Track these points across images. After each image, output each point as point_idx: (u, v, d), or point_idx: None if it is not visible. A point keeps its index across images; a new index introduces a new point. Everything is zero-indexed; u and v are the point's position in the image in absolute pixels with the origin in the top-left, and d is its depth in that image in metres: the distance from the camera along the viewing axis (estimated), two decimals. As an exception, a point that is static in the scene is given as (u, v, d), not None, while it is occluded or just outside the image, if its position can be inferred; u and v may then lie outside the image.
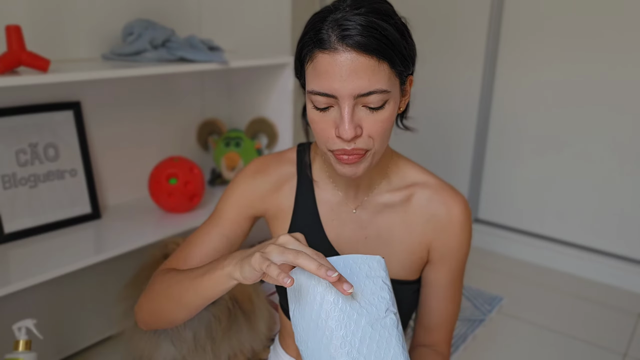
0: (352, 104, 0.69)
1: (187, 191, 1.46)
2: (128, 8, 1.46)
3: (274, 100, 1.69)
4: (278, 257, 0.62)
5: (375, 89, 0.68)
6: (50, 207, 1.36)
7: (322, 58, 0.68)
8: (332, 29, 0.68)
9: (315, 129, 0.74)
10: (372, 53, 0.67)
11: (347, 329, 0.62)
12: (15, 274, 1.13)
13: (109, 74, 1.20)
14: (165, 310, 0.80)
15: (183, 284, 0.75)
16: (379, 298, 0.63)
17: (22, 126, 1.30)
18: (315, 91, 0.70)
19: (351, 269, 0.64)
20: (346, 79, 0.67)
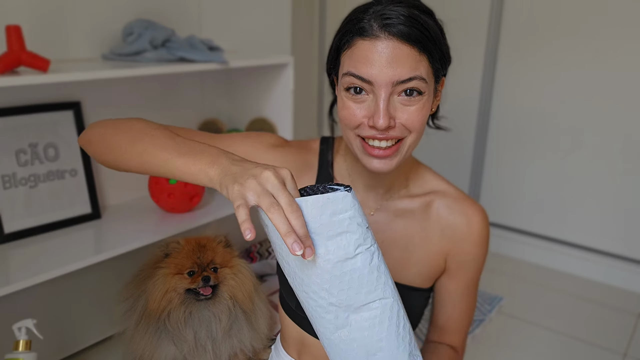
0: (388, 92, 0.68)
1: (187, 191, 1.46)
2: (128, 8, 1.46)
3: (274, 100, 1.69)
4: (253, 197, 0.57)
5: (415, 75, 0.67)
6: (50, 207, 1.35)
7: (362, 44, 0.68)
8: (374, 19, 0.67)
9: (345, 116, 0.72)
10: (414, 43, 0.67)
11: (321, 277, 0.61)
12: (15, 274, 1.13)
13: (109, 74, 1.20)
14: (122, 150, 0.71)
15: (154, 140, 0.68)
16: (346, 238, 0.60)
17: (22, 126, 1.30)
18: (352, 73, 0.69)
19: (319, 209, 0.59)
20: (386, 66, 0.66)
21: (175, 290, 1.13)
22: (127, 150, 0.70)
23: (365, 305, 0.62)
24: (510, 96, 2.19)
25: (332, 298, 0.61)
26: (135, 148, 0.69)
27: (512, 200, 2.29)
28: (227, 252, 1.20)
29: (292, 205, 0.56)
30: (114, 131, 0.73)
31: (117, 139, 0.72)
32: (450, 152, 2.38)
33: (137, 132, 0.70)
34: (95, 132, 0.76)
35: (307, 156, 0.87)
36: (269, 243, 1.84)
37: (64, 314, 1.46)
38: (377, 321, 0.62)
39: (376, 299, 0.62)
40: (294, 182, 0.60)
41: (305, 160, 0.87)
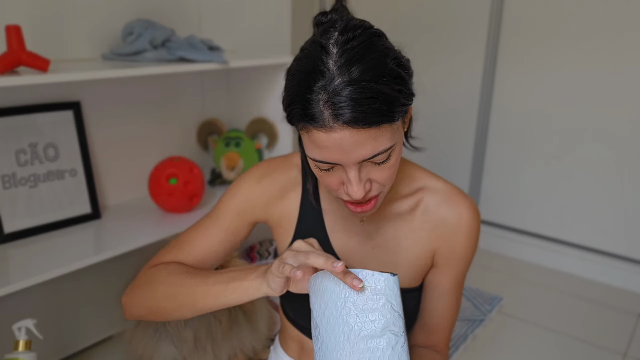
0: (357, 167, 0.67)
1: (187, 191, 1.46)
2: (128, 8, 1.46)
3: (274, 100, 1.69)
4: (292, 259, 0.66)
5: (380, 151, 0.65)
6: (50, 207, 1.35)
7: (318, 135, 0.64)
8: (324, 105, 0.62)
9: (321, 181, 0.73)
10: (370, 125, 0.62)
11: (343, 345, 0.64)
12: (15, 274, 1.13)
13: (109, 74, 1.20)
14: (166, 309, 0.78)
15: (196, 288, 0.75)
16: (379, 316, 0.64)
17: (22, 126, 1.30)
18: (317, 160, 0.67)
19: (363, 281, 0.65)
20: (348, 152, 0.64)
21: None
22: (171, 310, 0.78)
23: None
24: (510, 97, 2.19)
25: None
26: (174, 305, 0.78)
27: (512, 200, 2.29)
28: None
29: (328, 255, 0.65)
30: (145, 299, 0.81)
31: (161, 305, 0.79)
32: (450, 152, 2.38)
33: (165, 292, 0.79)
34: (133, 309, 0.84)
35: (290, 173, 0.87)
36: (269, 243, 1.84)
37: (64, 314, 1.46)
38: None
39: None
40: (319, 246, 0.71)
41: (289, 177, 0.87)
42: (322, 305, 0.66)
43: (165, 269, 0.82)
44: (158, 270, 0.82)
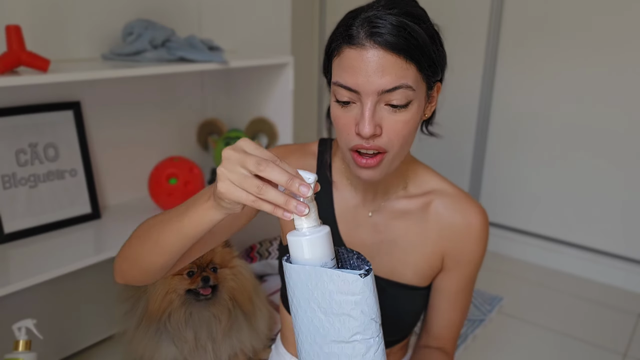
0: (374, 101, 0.67)
1: (187, 191, 1.45)
2: (128, 8, 1.46)
3: (274, 100, 1.69)
4: (240, 169, 0.55)
5: (401, 84, 0.67)
6: (50, 207, 1.35)
7: (349, 53, 0.68)
8: (362, 26, 0.67)
9: (337, 125, 0.73)
10: (400, 52, 0.66)
11: (312, 345, 0.60)
12: (15, 274, 1.13)
13: (109, 74, 1.20)
14: (142, 254, 0.72)
15: (163, 225, 0.68)
16: (347, 321, 0.57)
17: (22, 126, 1.30)
18: (339, 83, 0.69)
19: (329, 282, 0.57)
20: (371, 75, 0.66)
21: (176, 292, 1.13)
22: (145, 253, 0.71)
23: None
24: (510, 96, 2.19)
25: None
26: (147, 246, 0.70)
27: (512, 200, 2.29)
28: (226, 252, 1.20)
29: (284, 165, 0.56)
30: (128, 250, 0.75)
31: (134, 252, 0.73)
32: (450, 152, 2.38)
33: (142, 235, 0.72)
34: (119, 265, 0.77)
35: (306, 160, 0.87)
36: (269, 243, 1.84)
37: (64, 314, 1.46)
38: None
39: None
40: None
41: (304, 164, 0.87)
42: (293, 298, 0.60)
43: (145, 222, 0.76)
44: (140, 225, 0.78)
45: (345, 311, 0.57)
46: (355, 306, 0.57)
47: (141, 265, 0.72)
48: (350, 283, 0.56)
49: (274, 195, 0.54)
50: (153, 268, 0.71)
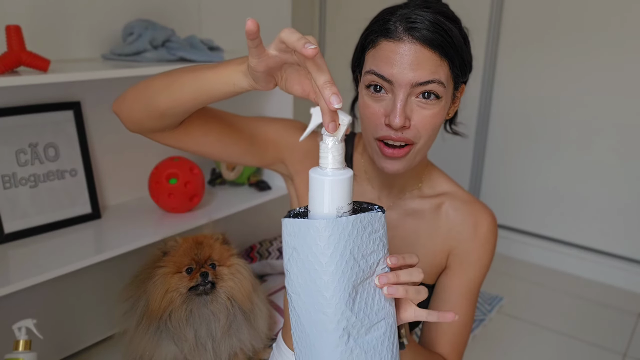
0: (406, 93, 0.69)
1: (187, 191, 1.46)
2: (128, 8, 1.47)
3: (274, 100, 1.69)
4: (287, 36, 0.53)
5: (434, 79, 0.69)
6: (50, 207, 1.35)
7: (386, 45, 0.70)
8: (400, 21, 0.70)
9: (364, 114, 0.74)
10: (435, 48, 0.69)
11: (342, 295, 0.58)
12: (15, 274, 1.13)
13: (109, 74, 1.20)
14: (154, 88, 0.70)
15: (187, 71, 0.67)
16: (373, 257, 0.61)
17: (22, 126, 1.30)
18: (374, 71, 0.71)
19: (362, 227, 0.59)
20: (407, 67, 0.68)
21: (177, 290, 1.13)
22: (157, 88, 0.69)
23: (375, 325, 0.60)
24: (510, 95, 2.19)
25: (345, 318, 0.57)
26: (163, 83, 0.68)
27: (512, 200, 2.29)
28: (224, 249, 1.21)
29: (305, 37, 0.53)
30: (144, 82, 0.74)
31: (149, 83, 0.72)
32: (450, 152, 2.38)
33: (163, 75, 0.71)
34: (130, 90, 0.77)
35: None
36: (269, 243, 1.84)
37: (64, 314, 1.46)
38: (381, 341, 0.61)
39: (382, 318, 0.61)
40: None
41: None
42: (323, 256, 0.57)
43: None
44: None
45: (373, 249, 0.60)
46: (379, 241, 0.61)
47: (146, 100, 0.71)
48: (377, 221, 0.61)
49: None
50: (154, 109, 0.70)
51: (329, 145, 0.56)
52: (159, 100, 0.69)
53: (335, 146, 0.56)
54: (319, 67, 0.53)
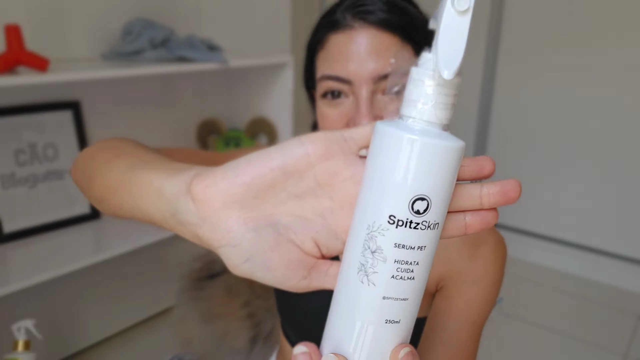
0: (370, 90, 0.57)
1: (187, 191, 1.45)
2: (127, 7, 1.46)
3: (274, 100, 1.68)
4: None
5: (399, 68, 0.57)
6: (50, 207, 1.35)
7: (336, 39, 0.58)
8: (348, 9, 0.59)
9: (324, 128, 0.61)
10: (395, 30, 0.57)
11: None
12: (14, 274, 1.13)
13: (109, 74, 1.20)
14: (91, 176, 0.49)
15: (122, 163, 0.43)
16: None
17: (21, 126, 1.30)
18: (327, 74, 0.59)
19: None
20: (364, 59, 0.56)
21: None
22: (91, 179, 0.48)
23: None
24: (510, 97, 2.19)
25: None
26: (94, 173, 0.48)
27: (512, 200, 2.29)
28: None
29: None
30: (83, 160, 0.53)
31: (87, 167, 0.51)
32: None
33: (98, 157, 0.50)
34: (77, 161, 0.55)
35: None
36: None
37: (64, 314, 1.46)
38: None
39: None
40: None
41: None
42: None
43: (112, 143, 0.53)
44: (107, 143, 0.54)
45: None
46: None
47: (90, 185, 0.49)
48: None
49: None
50: (96, 197, 0.48)
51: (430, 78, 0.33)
52: (95, 195, 0.48)
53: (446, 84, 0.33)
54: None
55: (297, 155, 0.32)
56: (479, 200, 0.34)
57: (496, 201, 0.35)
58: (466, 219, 0.35)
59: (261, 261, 0.32)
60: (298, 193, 0.33)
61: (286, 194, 0.32)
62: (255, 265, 0.32)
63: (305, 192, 0.33)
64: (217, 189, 0.31)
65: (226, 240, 0.32)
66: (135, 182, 0.38)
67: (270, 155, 0.31)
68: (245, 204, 0.31)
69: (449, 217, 0.34)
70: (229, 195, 0.31)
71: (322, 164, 0.32)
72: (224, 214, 0.31)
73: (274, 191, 0.32)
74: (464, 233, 0.35)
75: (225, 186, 0.31)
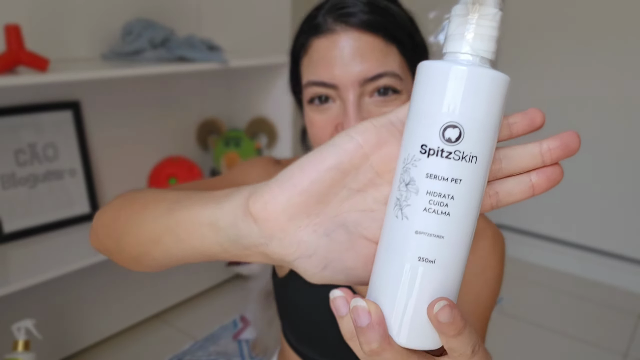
0: (357, 94, 0.56)
1: (187, 191, 1.45)
2: (127, 7, 1.46)
3: (274, 100, 1.68)
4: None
5: (385, 71, 0.56)
6: (50, 207, 1.35)
7: (319, 44, 0.58)
8: (329, 12, 0.58)
9: (313, 134, 0.61)
10: (378, 31, 0.56)
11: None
12: (14, 274, 1.13)
13: (109, 74, 1.20)
14: (123, 232, 0.45)
15: (154, 212, 0.41)
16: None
17: (21, 126, 1.30)
18: (312, 81, 0.58)
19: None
20: (349, 63, 0.55)
21: None
22: (125, 234, 0.44)
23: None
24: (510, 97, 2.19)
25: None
26: (128, 226, 0.44)
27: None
28: None
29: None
30: (110, 215, 0.49)
31: (116, 223, 0.47)
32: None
33: (129, 209, 0.46)
34: (99, 222, 0.51)
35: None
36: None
37: (64, 314, 1.46)
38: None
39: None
40: None
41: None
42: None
43: (143, 195, 0.47)
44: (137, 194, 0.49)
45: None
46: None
47: (120, 245, 0.46)
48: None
49: None
50: (131, 255, 0.45)
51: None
52: (131, 250, 0.44)
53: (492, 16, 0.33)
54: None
55: (351, 150, 0.31)
56: (540, 158, 0.34)
57: (558, 156, 0.35)
58: (532, 179, 0.34)
59: (339, 265, 0.32)
60: (359, 187, 0.32)
61: (347, 190, 0.32)
62: (334, 270, 0.32)
63: (366, 184, 0.32)
64: (279, 203, 0.31)
65: (299, 252, 0.31)
66: (180, 224, 0.37)
67: (323, 156, 0.31)
68: (310, 211, 0.31)
69: (514, 180, 0.34)
70: (292, 206, 0.31)
71: (376, 153, 0.32)
72: (291, 226, 0.31)
73: (335, 191, 0.31)
74: (532, 194, 0.34)
75: (285, 198, 0.31)
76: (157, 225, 0.40)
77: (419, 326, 0.31)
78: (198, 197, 0.37)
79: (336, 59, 0.56)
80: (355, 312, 0.30)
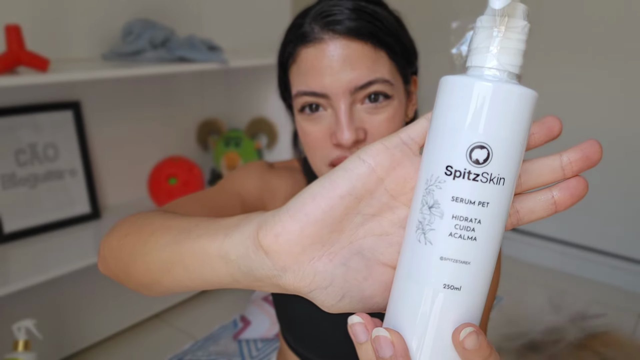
0: (348, 102, 0.56)
1: (187, 191, 1.45)
2: (128, 7, 1.46)
3: (274, 100, 1.68)
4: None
5: (376, 78, 0.56)
6: (50, 207, 1.35)
7: (307, 53, 0.57)
8: (315, 20, 0.57)
9: (306, 143, 0.60)
10: (366, 38, 0.55)
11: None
12: (15, 274, 1.13)
13: (109, 74, 1.20)
14: (131, 259, 0.45)
15: (161, 240, 0.41)
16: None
17: (21, 126, 1.30)
18: (302, 91, 0.57)
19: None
20: (338, 71, 0.55)
21: None
22: (132, 262, 0.44)
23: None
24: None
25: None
26: (136, 254, 0.44)
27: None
28: None
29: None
30: (117, 242, 0.49)
31: (122, 250, 0.47)
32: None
33: (135, 235, 0.46)
34: (106, 249, 0.52)
35: (294, 175, 0.79)
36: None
37: (64, 314, 1.46)
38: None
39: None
40: None
41: (295, 179, 0.78)
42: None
43: (150, 218, 0.47)
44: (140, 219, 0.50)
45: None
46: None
47: (129, 272, 0.46)
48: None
49: None
50: (141, 282, 0.45)
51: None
52: (142, 278, 0.44)
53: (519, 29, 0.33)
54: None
55: (363, 175, 0.30)
56: (561, 172, 0.32)
57: (579, 168, 0.32)
58: (554, 196, 0.31)
59: (357, 294, 0.31)
60: (374, 212, 0.31)
61: (361, 216, 0.31)
62: (352, 300, 0.31)
63: (381, 208, 0.31)
64: (290, 235, 0.30)
65: (315, 284, 0.30)
66: (188, 255, 0.36)
67: (335, 183, 0.30)
68: (324, 241, 0.30)
69: (535, 196, 0.32)
70: (305, 237, 0.30)
71: (390, 176, 0.31)
72: (305, 258, 0.30)
73: (349, 218, 0.30)
74: (554, 211, 0.31)
75: (297, 229, 0.29)
76: (166, 255, 0.39)
77: (441, 353, 0.30)
78: (205, 226, 0.36)
79: (326, 69, 0.55)
80: (378, 342, 0.29)
